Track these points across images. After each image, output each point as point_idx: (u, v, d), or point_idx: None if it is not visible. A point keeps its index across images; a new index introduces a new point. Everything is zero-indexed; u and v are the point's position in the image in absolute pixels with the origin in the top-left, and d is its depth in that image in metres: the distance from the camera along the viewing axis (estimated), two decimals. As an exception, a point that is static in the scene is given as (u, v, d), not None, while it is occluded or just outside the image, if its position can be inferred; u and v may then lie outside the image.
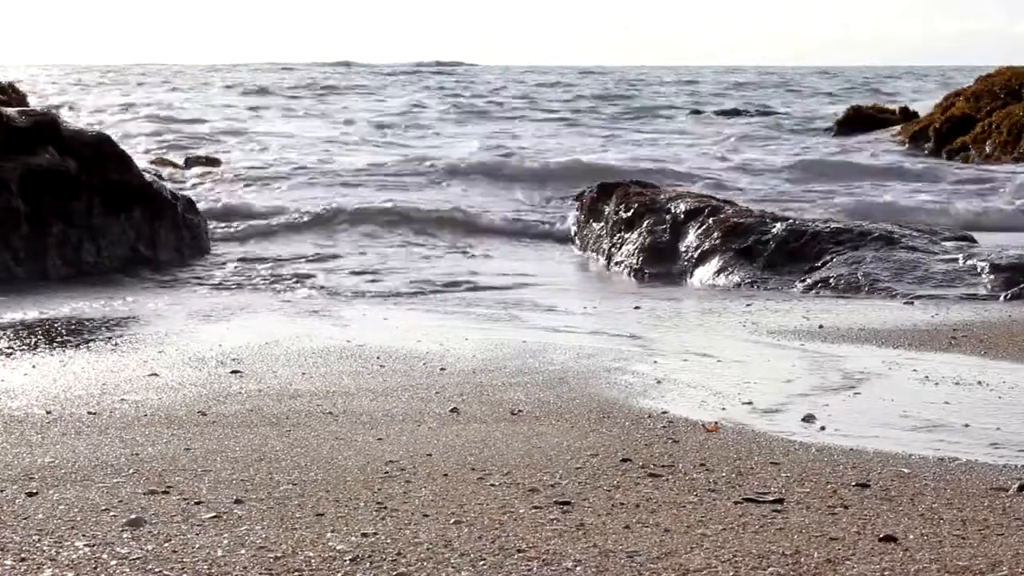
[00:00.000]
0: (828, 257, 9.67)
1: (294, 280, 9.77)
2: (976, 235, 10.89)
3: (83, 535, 3.22)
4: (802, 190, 16.31)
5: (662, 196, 11.37)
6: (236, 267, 10.43)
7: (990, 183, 16.19)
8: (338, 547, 3.15)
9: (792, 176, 17.72)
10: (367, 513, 3.45)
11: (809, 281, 9.27)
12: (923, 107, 24.22)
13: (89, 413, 4.79)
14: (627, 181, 12.60)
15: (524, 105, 37.04)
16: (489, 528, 3.32)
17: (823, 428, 4.69)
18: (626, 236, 10.99)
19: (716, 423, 4.70)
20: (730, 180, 17.25)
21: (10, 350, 6.26)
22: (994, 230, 12.54)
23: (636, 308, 8.23)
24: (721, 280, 9.73)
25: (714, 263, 10.06)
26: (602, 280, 10.52)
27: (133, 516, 3.37)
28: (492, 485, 3.77)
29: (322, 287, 9.46)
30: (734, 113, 32.55)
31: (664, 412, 4.90)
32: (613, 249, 11.03)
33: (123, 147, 11.20)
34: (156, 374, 5.62)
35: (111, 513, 3.42)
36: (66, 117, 15.73)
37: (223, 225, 12.66)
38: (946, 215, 13.77)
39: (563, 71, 75.45)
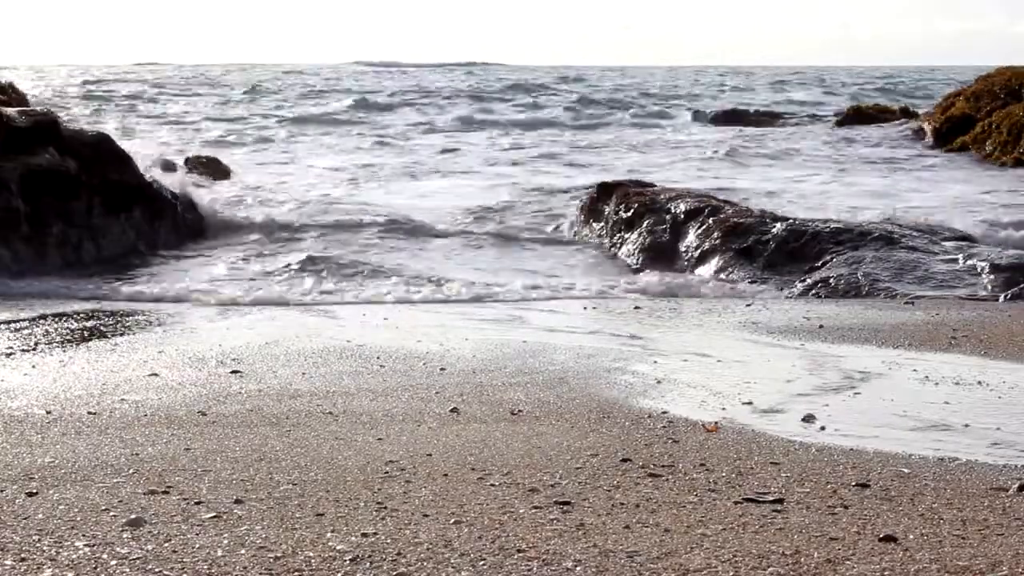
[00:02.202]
0: (828, 257, 9.67)
1: (294, 280, 9.76)
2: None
3: (83, 535, 3.22)
4: None
5: (662, 196, 11.38)
6: (237, 267, 10.42)
7: None
8: (338, 547, 3.14)
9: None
10: (367, 513, 3.45)
11: (809, 281, 9.28)
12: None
13: (89, 413, 4.79)
14: (626, 181, 12.61)
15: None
16: (489, 528, 3.32)
17: (823, 428, 4.69)
18: (626, 236, 10.99)
19: (716, 423, 4.70)
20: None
21: (10, 350, 6.26)
22: None
23: (636, 308, 8.23)
24: (721, 280, 9.73)
25: (714, 263, 10.06)
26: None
27: (133, 516, 3.37)
28: (492, 485, 3.77)
29: (321, 289, 9.44)
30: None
31: (664, 412, 4.90)
32: (613, 249, 11.03)
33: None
34: (156, 374, 5.62)
35: (111, 513, 3.41)
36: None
37: (225, 226, 12.64)
38: None
39: (565, 71, 75.11)
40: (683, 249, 10.43)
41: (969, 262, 9.35)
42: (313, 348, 6.38)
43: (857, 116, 25.21)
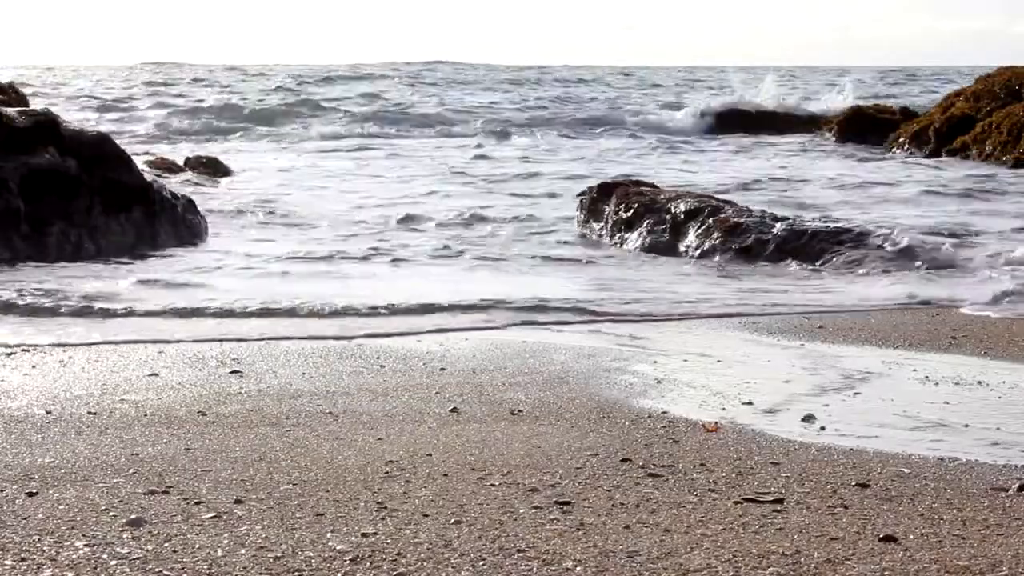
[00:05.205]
0: (828, 257, 9.68)
1: (293, 279, 9.75)
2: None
3: (83, 535, 3.22)
4: None
5: (662, 196, 11.37)
6: (237, 267, 10.41)
7: None
8: (338, 547, 3.15)
9: None
10: (367, 513, 3.45)
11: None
12: None
13: (89, 413, 4.79)
14: (626, 180, 12.59)
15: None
16: (489, 528, 3.33)
17: (823, 428, 4.69)
18: (626, 236, 10.99)
19: (716, 423, 4.70)
20: None
21: (10, 350, 6.26)
22: None
23: (636, 308, 8.22)
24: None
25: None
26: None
27: (133, 516, 3.37)
28: (492, 485, 3.77)
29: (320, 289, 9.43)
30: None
31: (664, 412, 4.90)
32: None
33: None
34: (156, 374, 5.62)
35: (111, 513, 3.42)
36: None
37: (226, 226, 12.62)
38: None
39: (566, 71, 74.90)
40: (683, 249, 10.43)
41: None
42: (313, 348, 6.38)
43: (857, 117, 25.14)
